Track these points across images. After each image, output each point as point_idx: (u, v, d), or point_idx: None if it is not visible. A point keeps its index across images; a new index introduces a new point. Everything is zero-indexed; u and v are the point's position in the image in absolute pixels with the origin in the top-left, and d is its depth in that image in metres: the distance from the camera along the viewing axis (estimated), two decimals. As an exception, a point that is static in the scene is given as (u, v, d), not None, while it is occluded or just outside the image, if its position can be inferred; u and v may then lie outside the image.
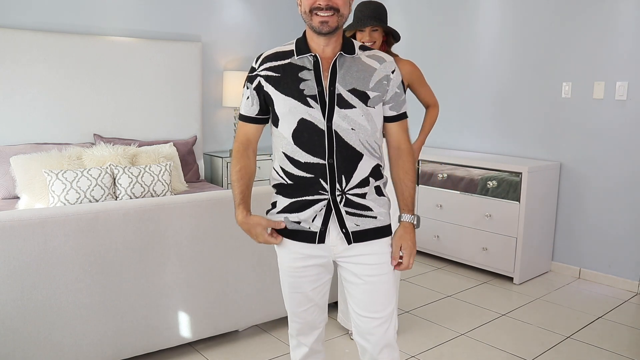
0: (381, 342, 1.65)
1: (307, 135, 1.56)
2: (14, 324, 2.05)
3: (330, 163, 1.56)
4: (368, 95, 1.57)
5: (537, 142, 3.98)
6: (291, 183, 1.61)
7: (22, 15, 3.76)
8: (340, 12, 1.51)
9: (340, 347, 2.70)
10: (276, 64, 1.59)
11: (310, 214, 1.59)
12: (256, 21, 4.93)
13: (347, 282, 1.68)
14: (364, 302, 1.64)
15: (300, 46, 1.59)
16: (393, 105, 1.64)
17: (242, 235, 2.56)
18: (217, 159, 4.64)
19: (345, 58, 1.58)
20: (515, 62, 4.06)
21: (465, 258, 3.95)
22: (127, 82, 4.14)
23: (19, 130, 3.73)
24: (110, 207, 2.24)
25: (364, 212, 1.60)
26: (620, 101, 3.53)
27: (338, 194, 1.58)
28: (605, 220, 3.66)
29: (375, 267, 1.62)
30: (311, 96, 1.54)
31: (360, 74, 1.57)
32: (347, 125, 1.55)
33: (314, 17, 1.51)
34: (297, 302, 1.70)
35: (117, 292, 2.26)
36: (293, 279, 1.67)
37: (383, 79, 1.59)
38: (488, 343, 2.79)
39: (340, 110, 1.55)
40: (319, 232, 1.60)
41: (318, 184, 1.57)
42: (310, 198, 1.59)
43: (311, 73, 1.56)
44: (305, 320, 1.73)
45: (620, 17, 3.50)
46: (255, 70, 1.62)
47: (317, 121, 1.55)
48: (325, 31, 1.51)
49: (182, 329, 2.47)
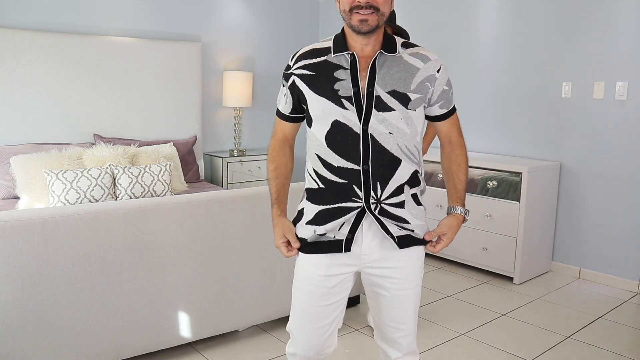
0: (405, 350, 1.64)
1: (340, 138, 1.47)
2: (14, 324, 2.05)
3: (365, 169, 1.47)
4: (409, 97, 1.47)
5: (537, 142, 3.98)
6: (323, 187, 1.53)
7: (22, 15, 3.76)
8: (380, 11, 1.43)
9: (339, 347, 2.69)
10: (311, 62, 1.51)
11: (338, 223, 1.51)
12: (256, 21, 4.93)
13: (373, 292, 1.61)
14: (391, 314, 1.60)
15: (338, 43, 1.51)
16: (443, 103, 1.56)
17: (242, 235, 2.57)
18: (217, 159, 4.64)
19: (386, 57, 1.49)
20: (515, 62, 4.06)
21: (465, 258, 3.95)
22: (127, 82, 4.14)
23: (19, 130, 3.73)
24: (110, 207, 2.24)
25: (400, 223, 1.52)
26: (620, 101, 3.53)
27: (373, 202, 1.49)
28: (605, 220, 3.66)
29: (404, 282, 1.56)
30: (346, 97, 1.46)
31: (402, 75, 1.48)
32: (384, 129, 1.46)
33: (354, 16, 1.43)
34: (311, 317, 1.59)
35: (117, 292, 2.26)
36: (312, 288, 1.57)
37: (426, 80, 1.50)
38: (488, 343, 2.79)
39: (378, 113, 1.45)
40: (345, 239, 1.52)
41: (351, 190, 1.49)
42: (342, 205, 1.50)
43: (347, 72, 1.47)
44: (312, 342, 1.62)
45: (620, 17, 3.50)
46: (290, 68, 1.55)
47: (351, 124, 1.46)
48: (364, 30, 1.43)
49: (182, 329, 2.47)
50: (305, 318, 1.61)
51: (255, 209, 2.58)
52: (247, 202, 2.58)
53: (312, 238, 1.55)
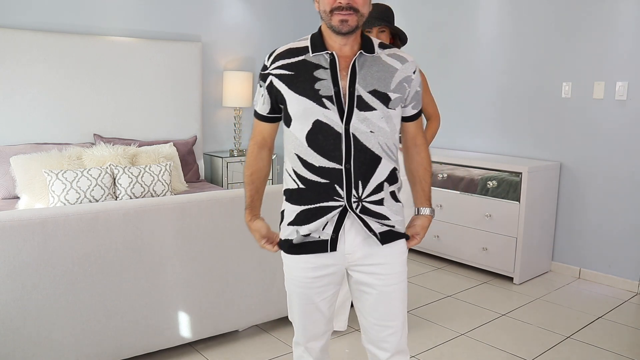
0: (394, 349, 1.62)
1: (322, 138, 1.48)
2: (14, 324, 2.05)
3: (347, 168, 1.49)
4: (389, 96, 1.50)
5: (537, 142, 3.98)
6: (304, 187, 1.53)
7: (22, 15, 3.76)
8: (360, 12, 1.46)
9: (339, 347, 2.69)
10: (289, 62, 1.52)
11: (321, 223, 1.52)
12: (256, 21, 4.93)
13: (359, 292, 1.62)
14: (378, 312, 1.60)
15: (316, 43, 1.52)
16: (415, 104, 1.60)
17: (242, 235, 2.56)
18: (217, 159, 4.64)
19: (366, 57, 1.51)
20: (515, 62, 4.06)
21: (465, 258, 3.96)
22: (127, 82, 4.14)
23: (19, 130, 3.73)
24: (110, 207, 2.24)
25: (380, 220, 1.55)
26: (620, 101, 3.53)
27: (354, 201, 1.51)
28: (605, 220, 3.66)
29: (390, 277, 1.57)
30: (327, 97, 1.47)
31: (382, 74, 1.51)
32: (365, 128, 1.48)
33: (334, 17, 1.45)
34: (306, 314, 1.64)
35: (117, 292, 2.26)
36: (302, 290, 1.60)
37: (404, 80, 1.54)
38: (488, 343, 2.79)
39: (360, 112, 1.47)
40: (330, 239, 1.53)
41: (333, 189, 1.50)
42: (324, 205, 1.51)
43: (327, 72, 1.48)
44: (312, 331, 1.68)
45: (620, 17, 3.50)
46: (267, 68, 1.55)
47: (333, 123, 1.47)
48: (345, 30, 1.45)
49: (182, 329, 2.47)
50: (300, 314, 1.66)
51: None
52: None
53: (298, 239, 1.56)
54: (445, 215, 4.03)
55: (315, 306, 1.62)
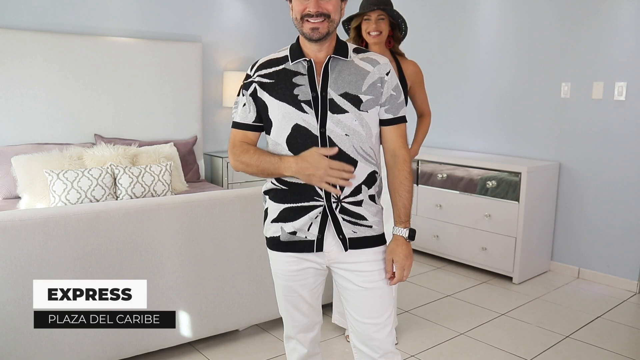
0: (382, 347, 1.64)
1: (301, 142, 1.53)
2: (15, 324, 2.06)
3: None
4: (361, 99, 1.53)
5: (537, 142, 3.99)
6: (286, 188, 1.58)
7: (22, 16, 3.77)
8: (331, 18, 1.50)
9: (338, 347, 2.70)
10: (270, 71, 1.57)
11: (305, 222, 1.57)
12: (256, 21, 4.94)
13: (342, 289, 1.66)
14: (362, 309, 1.62)
15: (294, 52, 1.58)
16: (389, 107, 1.59)
17: (242, 235, 2.57)
18: (218, 159, 4.65)
19: (338, 61, 1.56)
20: (515, 63, 4.07)
21: (465, 258, 3.96)
22: (127, 82, 4.15)
23: (20, 130, 3.74)
24: (110, 207, 2.25)
25: (359, 220, 1.58)
26: (619, 101, 3.54)
27: (334, 201, 1.55)
28: (604, 220, 3.67)
29: (370, 274, 1.61)
30: (305, 101, 1.52)
31: (353, 77, 1.54)
32: (340, 131, 1.52)
33: (305, 24, 1.51)
34: (293, 306, 1.69)
35: (117, 291, 2.27)
36: (287, 283, 1.66)
37: (377, 82, 1.56)
38: (487, 342, 2.79)
39: (333, 115, 1.52)
40: (316, 240, 1.58)
41: (313, 190, 1.55)
42: (305, 204, 1.57)
43: (305, 78, 1.54)
44: (300, 323, 1.72)
45: (620, 17, 3.50)
46: (250, 77, 1.60)
47: (311, 127, 1.52)
48: (315, 38, 1.51)
49: (183, 329, 2.48)
50: (287, 305, 1.70)
51: (255, 209, 2.59)
52: (247, 202, 2.59)
53: (285, 237, 1.60)
54: (444, 215, 4.04)
55: (300, 296, 1.67)
